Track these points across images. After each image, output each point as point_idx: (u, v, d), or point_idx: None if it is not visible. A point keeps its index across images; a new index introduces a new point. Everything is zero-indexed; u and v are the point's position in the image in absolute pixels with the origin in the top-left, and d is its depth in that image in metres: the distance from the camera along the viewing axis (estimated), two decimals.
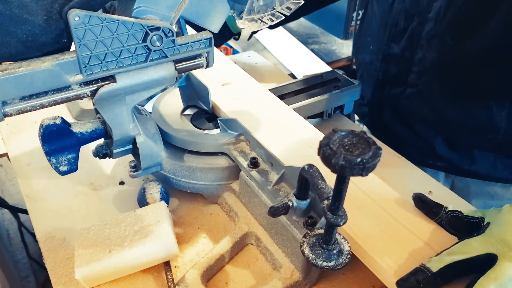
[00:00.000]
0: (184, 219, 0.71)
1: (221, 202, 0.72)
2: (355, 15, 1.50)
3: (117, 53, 0.53)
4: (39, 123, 0.58)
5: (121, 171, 0.79)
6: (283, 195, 0.61)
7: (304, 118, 0.74)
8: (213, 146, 0.70)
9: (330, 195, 0.47)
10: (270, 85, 0.88)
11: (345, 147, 0.38)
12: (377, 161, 0.37)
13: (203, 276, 0.60)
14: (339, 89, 0.89)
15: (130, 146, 0.66)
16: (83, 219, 0.70)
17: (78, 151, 0.61)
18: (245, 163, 0.66)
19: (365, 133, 0.39)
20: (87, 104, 0.90)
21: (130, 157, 0.69)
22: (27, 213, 0.72)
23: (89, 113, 0.90)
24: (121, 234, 0.60)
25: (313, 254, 0.49)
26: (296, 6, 0.71)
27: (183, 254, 0.65)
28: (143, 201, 0.68)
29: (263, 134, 0.67)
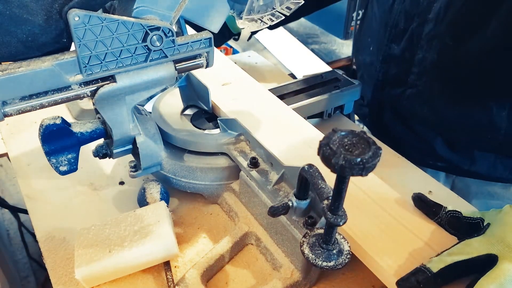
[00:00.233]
0: (184, 219, 0.71)
1: (221, 202, 0.72)
2: (355, 15, 1.50)
3: (117, 53, 0.53)
4: (39, 123, 0.58)
5: (121, 171, 0.79)
6: (283, 195, 0.61)
7: (304, 118, 0.74)
8: (213, 146, 0.70)
9: (330, 195, 0.47)
10: (270, 85, 0.88)
11: (345, 147, 0.38)
12: (377, 161, 0.37)
13: (203, 276, 0.60)
14: (339, 89, 0.89)
15: (130, 146, 0.66)
16: (83, 219, 0.70)
17: (78, 151, 0.61)
18: (245, 163, 0.66)
19: (365, 133, 0.39)
20: (87, 104, 0.90)
21: (130, 157, 0.69)
22: (27, 213, 0.72)
23: (89, 113, 0.90)
24: (121, 234, 0.60)
25: (313, 254, 0.49)
26: (296, 6, 0.71)
27: (183, 254, 0.65)
28: (143, 201, 0.68)
29: (263, 134, 0.68)
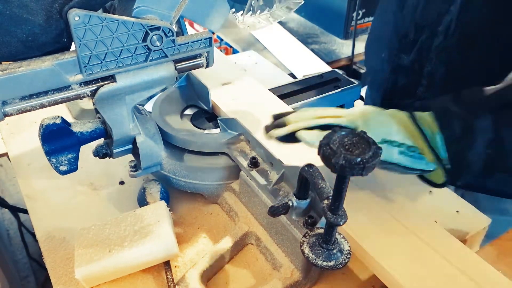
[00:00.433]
0: (184, 219, 0.71)
1: (221, 202, 0.72)
2: (355, 15, 1.49)
3: (117, 52, 0.53)
4: (39, 122, 0.58)
5: (121, 171, 0.79)
6: (283, 194, 0.61)
7: None
8: (213, 146, 0.70)
9: (330, 194, 0.47)
10: (270, 85, 0.88)
11: (345, 146, 0.38)
12: (377, 160, 0.37)
13: (203, 276, 0.60)
14: (339, 89, 0.89)
15: (130, 146, 0.66)
16: (83, 219, 0.70)
17: (78, 151, 0.61)
18: (245, 162, 0.66)
19: (365, 133, 0.39)
20: (87, 103, 0.90)
21: (130, 156, 0.69)
22: (27, 212, 0.72)
23: (89, 112, 0.90)
24: (121, 234, 0.60)
25: (313, 254, 0.49)
26: (296, 6, 0.71)
27: (183, 254, 0.65)
28: (143, 200, 0.68)
29: (263, 134, 0.67)
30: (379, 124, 0.56)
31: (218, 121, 0.73)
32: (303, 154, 0.64)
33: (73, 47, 0.51)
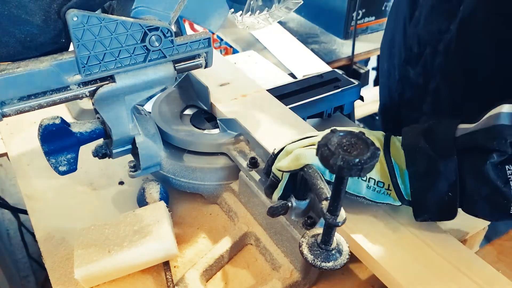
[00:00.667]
0: (183, 219, 0.71)
1: (220, 202, 0.72)
2: (355, 15, 1.49)
3: (116, 53, 0.53)
4: (38, 123, 0.58)
5: (121, 171, 0.79)
6: None
7: (304, 118, 0.74)
8: (212, 146, 0.70)
9: (328, 195, 0.47)
10: (270, 85, 0.87)
11: (344, 147, 0.38)
12: (376, 161, 0.37)
13: (202, 276, 0.60)
14: (339, 89, 0.88)
15: (129, 146, 0.66)
16: (83, 219, 0.70)
17: (77, 151, 0.61)
18: (244, 163, 0.66)
19: (364, 134, 0.39)
20: (86, 104, 0.90)
21: (130, 157, 0.69)
22: (27, 213, 0.72)
23: (88, 113, 0.90)
24: (121, 234, 0.60)
25: (311, 255, 0.49)
26: (296, 6, 0.71)
27: (182, 254, 0.65)
28: (142, 201, 0.68)
29: (262, 134, 0.67)
30: None
31: (218, 121, 0.73)
32: None
33: (71, 48, 0.51)
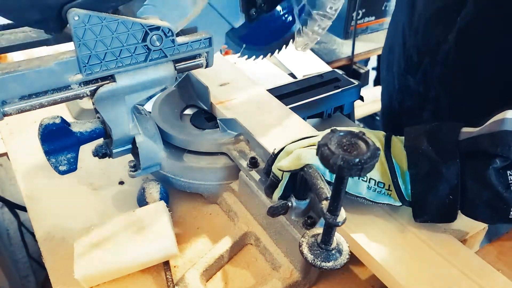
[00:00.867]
0: (183, 219, 0.71)
1: (220, 202, 0.72)
2: (355, 15, 1.49)
3: (117, 52, 0.53)
4: (38, 122, 0.58)
5: (121, 171, 0.79)
6: None
7: (304, 118, 0.74)
8: (212, 146, 0.70)
9: (328, 195, 0.47)
10: (270, 85, 0.87)
11: (344, 147, 0.38)
12: (375, 161, 0.37)
13: (202, 276, 0.60)
14: (339, 89, 0.88)
15: (129, 146, 0.66)
16: (82, 219, 0.70)
17: (77, 151, 0.61)
18: (244, 163, 0.66)
19: (364, 134, 0.39)
20: (87, 103, 0.90)
21: (130, 156, 0.69)
22: (26, 210, 0.72)
23: (88, 112, 0.90)
24: (121, 234, 0.60)
25: (311, 254, 0.49)
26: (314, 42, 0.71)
27: (182, 254, 0.65)
28: (142, 200, 0.68)
29: (262, 134, 0.67)
30: None
31: (218, 121, 0.73)
32: None
33: (72, 47, 0.51)
